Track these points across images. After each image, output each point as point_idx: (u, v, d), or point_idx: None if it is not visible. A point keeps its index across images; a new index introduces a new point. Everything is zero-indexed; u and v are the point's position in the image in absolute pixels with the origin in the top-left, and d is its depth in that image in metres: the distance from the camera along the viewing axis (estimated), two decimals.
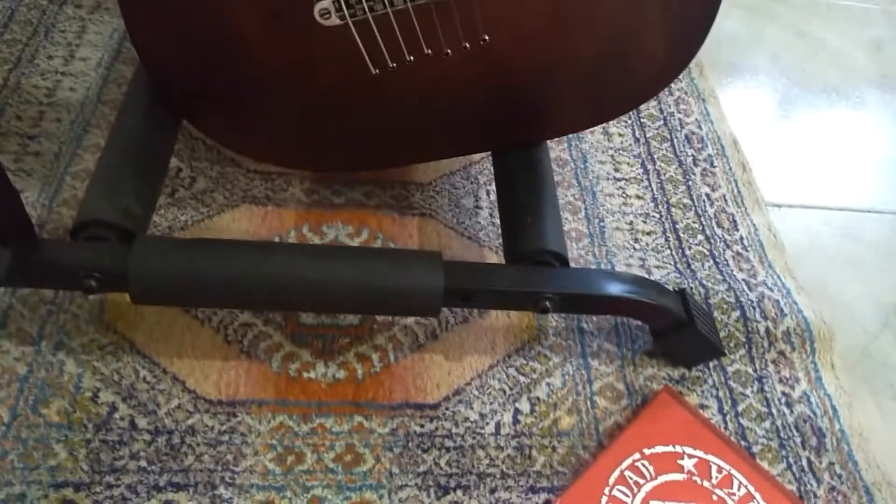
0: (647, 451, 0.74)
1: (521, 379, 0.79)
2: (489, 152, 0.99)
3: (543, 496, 0.71)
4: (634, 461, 0.73)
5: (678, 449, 0.75)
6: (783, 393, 0.83)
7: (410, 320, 0.82)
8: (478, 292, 0.72)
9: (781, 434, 0.79)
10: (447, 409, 0.76)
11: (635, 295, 0.74)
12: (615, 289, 0.74)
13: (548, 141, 0.90)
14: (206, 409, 0.72)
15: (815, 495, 0.75)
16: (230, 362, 0.76)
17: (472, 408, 0.76)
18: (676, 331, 0.78)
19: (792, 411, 0.82)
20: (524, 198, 0.79)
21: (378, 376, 0.77)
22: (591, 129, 1.09)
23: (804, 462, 0.78)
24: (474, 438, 0.74)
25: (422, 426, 0.74)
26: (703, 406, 0.81)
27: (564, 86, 0.73)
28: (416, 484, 0.70)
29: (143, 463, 0.68)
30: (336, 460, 0.71)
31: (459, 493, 0.70)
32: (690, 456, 0.74)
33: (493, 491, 0.71)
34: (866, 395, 0.86)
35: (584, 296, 0.73)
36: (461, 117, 0.75)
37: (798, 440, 0.79)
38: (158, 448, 0.69)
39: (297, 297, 0.69)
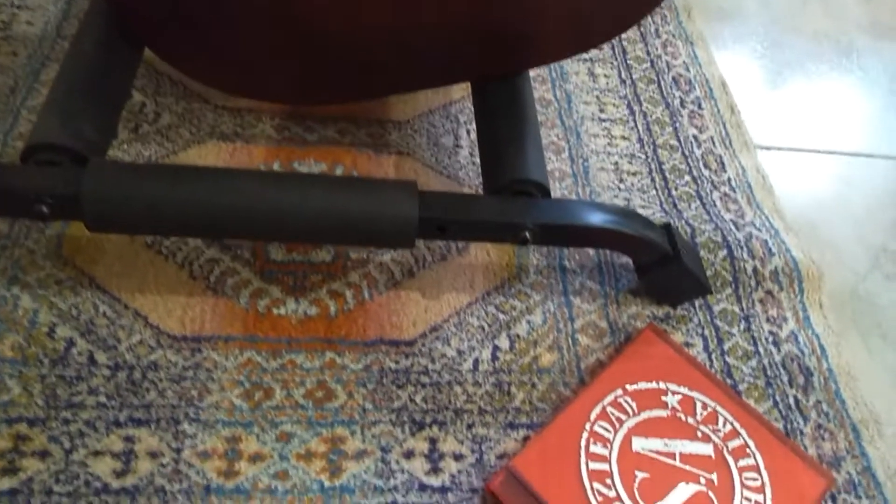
0: (629, 388, 0.72)
1: (501, 316, 0.77)
2: (469, 89, 0.95)
3: (522, 432, 0.69)
4: (617, 397, 0.71)
5: (662, 385, 0.73)
6: (770, 332, 0.81)
7: (386, 257, 0.79)
8: (454, 223, 0.69)
9: (768, 372, 0.78)
10: (423, 345, 0.73)
11: (619, 226, 0.72)
12: (598, 220, 0.71)
13: (531, 81, 0.86)
14: (170, 344, 0.69)
15: (802, 433, 0.74)
16: (195, 298, 0.73)
17: (449, 345, 0.74)
18: (661, 266, 0.76)
19: (779, 350, 0.80)
20: (504, 129, 0.76)
21: (351, 313, 0.75)
22: (577, 71, 1.06)
23: (791, 400, 0.76)
24: (451, 375, 0.72)
25: (397, 363, 0.72)
26: (688, 345, 0.79)
27: (545, 9, 0.70)
28: (390, 420, 0.68)
29: (102, 398, 0.65)
30: (306, 396, 0.68)
31: (435, 428, 0.68)
32: (674, 392, 0.72)
33: (470, 427, 0.68)
34: (854, 334, 0.84)
35: (565, 227, 0.70)
36: (436, 43, 0.72)
37: (785, 379, 0.77)
38: (118, 383, 0.66)
39: (265, 226, 0.66)
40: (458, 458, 0.66)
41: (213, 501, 0.61)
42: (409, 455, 0.66)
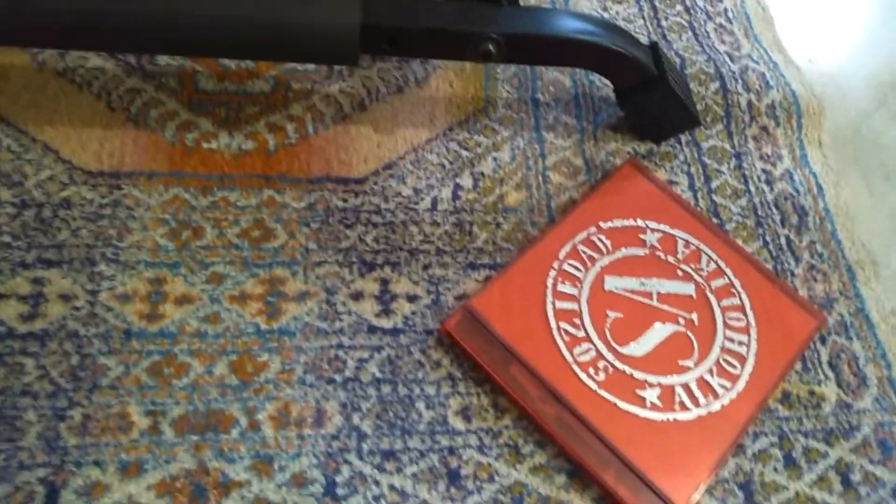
0: (604, 225, 0.65)
1: (464, 153, 0.69)
2: None
3: (484, 272, 0.63)
4: (590, 235, 0.65)
5: (640, 223, 0.66)
6: (763, 170, 0.74)
7: (334, 88, 0.71)
8: (405, 32, 0.60)
9: (759, 212, 0.71)
10: (376, 183, 0.66)
11: (598, 39, 0.63)
12: (574, 30, 0.63)
13: None
14: (84, 180, 0.62)
15: (793, 274, 0.68)
16: (114, 131, 0.65)
17: (404, 183, 0.66)
18: (645, 90, 0.68)
19: (772, 189, 0.73)
20: None
21: (293, 148, 0.67)
22: None
23: (782, 241, 0.70)
24: (406, 214, 0.65)
25: (345, 201, 0.64)
26: (672, 183, 0.71)
27: None
28: (336, 260, 0.61)
29: (7, 238, 0.58)
30: (241, 236, 0.61)
31: (387, 269, 0.61)
32: (654, 230, 0.66)
33: (426, 267, 0.62)
34: (855, 174, 0.77)
35: (535, 38, 0.62)
36: None
37: (777, 218, 0.71)
38: (25, 222, 0.59)
39: (182, 35, 0.57)
40: (411, 299, 0.60)
41: (134, 346, 0.55)
42: (357, 297, 0.60)
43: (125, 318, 0.56)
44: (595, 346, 0.59)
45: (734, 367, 0.60)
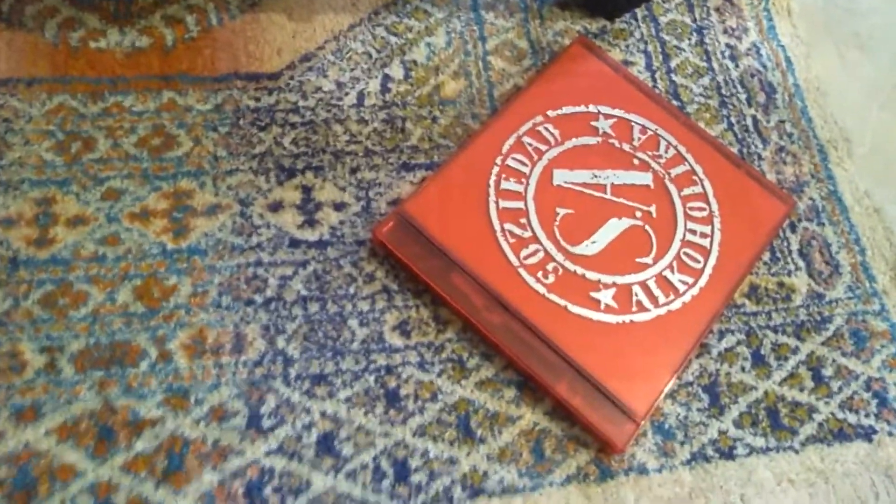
0: (552, 114, 0.59)
1: (393, 40, 0.62)
2: None
3: (420, 173, 0.57)
4: (536, 125, 0.58)
5: (592, 109, 0.60)
6: (728, 45, 0.67)
7: None
8: None
9: (723, 91, 0.65)
10: (292, 78, 0.58)
11: None
12: None
13: None
14: None
15: (760, 157, 0.62)
16: None
17: (325, 76, 0.59)
18: None
19: (737, 66, 0.67)
20: None
21: (195, 43, 0.59)
22: None
23: (749, 121, 0.64)
24: (329, 112, 0.58)
25: (257, 100, 0.57)
26: (627, 63, 0.65)
27: None
28: (250, 168, 0.55)
29: None
30: (139, 145, 0.54)
31: (310, 175, 0.55)
32: (607, 116, 0.60)
33: (354, 171, 0.56)
34: (827, 44, 0.71)
35: None
36: None
37: (743, 97, 0.65)
38: None
39: None
40: (338, 207, 0.54)
41: (22, 276, 0.49)
42: (276, 207, 0.54)
43: (10, 246, 0.50)
44: (543, 246, 0.54)
45: (697, 261, 0.55)
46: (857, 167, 0.64)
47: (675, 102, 0.64)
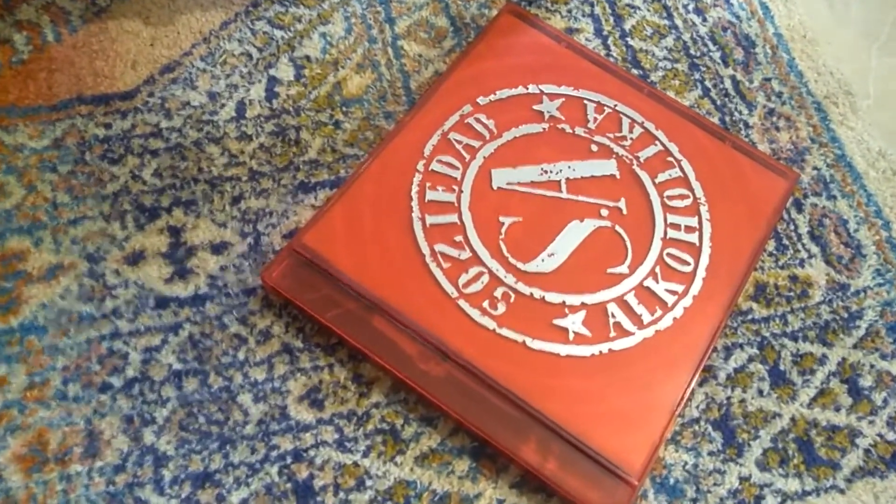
0: (482, 101, 0.48)
1: (278, 34, 0.51)
2: None
3: (322, 193, 0.46)
4: (464, 117, 0.48)
5: (533, 89, 0.49)
6: None
7: None
8: None
9: (692, 51, 0.55)
10: (151, 95, 0.48)
11: None
12: None
13: None
14: None
15: (747, 125, 0.52)
16: None
17: (194, 87, 0.48)
18: None
19: (704, 20, 0.56)
20: None
21: (26, 66, 0.48)
22: None
23: (727, 84, 0.54)
24: (201, 131, 0.47)
25: (108, 127, 0.46)
26: (571, 31, 0.54)
27: None
28: (100, 213, 0.44)
29: None
30: None
31: (178, 212, 0.44)
32: (552, 96, 0.49)
33: (236, 201, 0.45)
34: None
35: None
36: None
37: (717, 56, 0.55)
38: None
39: None
40: (218, 249, 0.43)
41: None
42: (135, 259, 0.43)
43: None
44: (488, 268, 0.43)
45: (685, 263, 0.44)
46: (863, 124, 0.54)
47: (635, 71, 0.53)
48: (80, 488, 0.37)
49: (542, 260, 0.44)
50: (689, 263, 0.45)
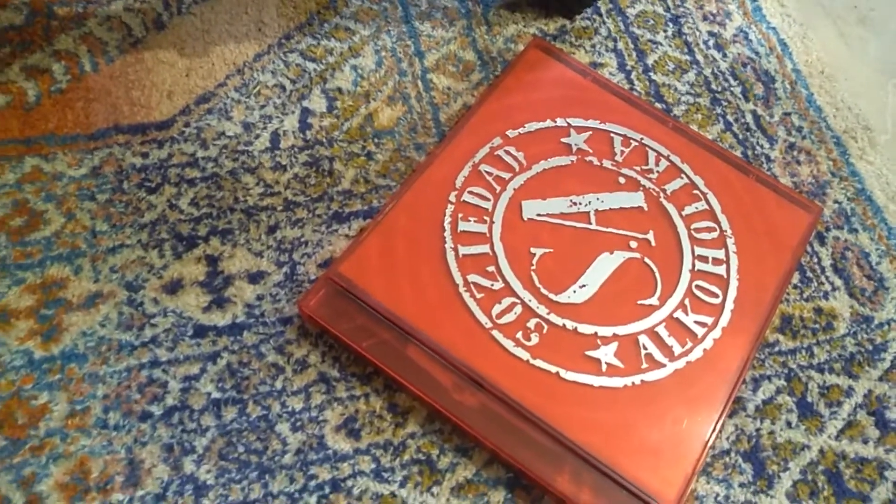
0: (512, 134, 0.50)
1: (311, 66, 0.52)
2: None
3: (356, 224, 0.47)
4: (494, 149, 0.49)
5: (561, 123, 0.51)
6: (710, 33, 0.59)
7: (116, 7, 0.52)
8: None
9: (713, 86, 0.56)
10: (187, 125, 0.49)
11: None
12: None
13: None
14: None
15: (769, 159, 0.53)
16: None
17: (229, 118, 0.49)
18: None
19: (725, 55, 0.58)
20: None
21: (64, 96, 0.49)
22: None
23: (749, 118, 0.55)
24: (236, 161, 0.48)
25: (144, 156, 0.47)
26: (595, 65, 0.56)
27: None
28: (138, 241, 0.44)
29: None
30: None
31: (215, 241, 0.45)
32: (580, 129, 0.50)
33: (272, 230, 0.46)
34: (823, 21, 0.62)
35: None
36: None
37: (738, 91, 0.56)
38: None
39: None
40: (255, 278, 0.44)
41: None
42: (173, 288, 0.43)
43: None
44: (520, 299, 0.44)
45: (713, 295, 0.45)
46: (882, 158, 0.55)
47: (658, 105, 0.54)
48: None
49: (574, 291, 0.45)
50: (717, 295, 0.46)
